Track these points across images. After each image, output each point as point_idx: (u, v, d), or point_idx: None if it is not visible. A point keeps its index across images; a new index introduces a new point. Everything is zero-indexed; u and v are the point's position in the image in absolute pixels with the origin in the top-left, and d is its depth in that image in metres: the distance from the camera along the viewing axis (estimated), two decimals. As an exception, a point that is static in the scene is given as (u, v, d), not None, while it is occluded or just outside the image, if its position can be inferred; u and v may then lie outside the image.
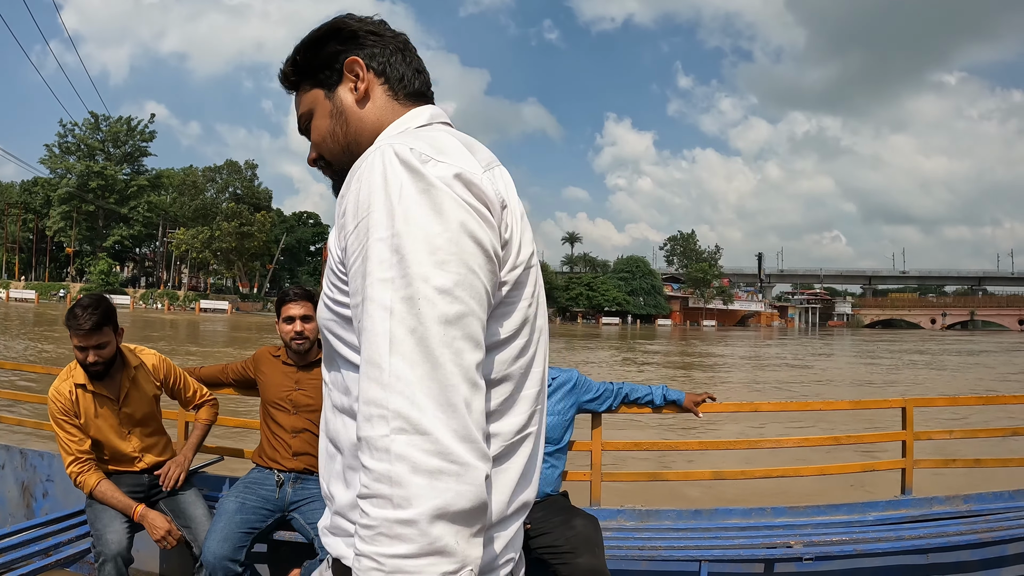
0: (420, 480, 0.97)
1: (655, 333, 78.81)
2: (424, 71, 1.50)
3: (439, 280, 1.05)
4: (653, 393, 4.06)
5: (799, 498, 5.53)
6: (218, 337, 41.58)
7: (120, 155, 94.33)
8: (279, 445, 3.85)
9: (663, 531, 3.87)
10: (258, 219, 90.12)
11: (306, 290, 3.99)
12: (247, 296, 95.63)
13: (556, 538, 3.22)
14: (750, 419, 11.72)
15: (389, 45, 1.45)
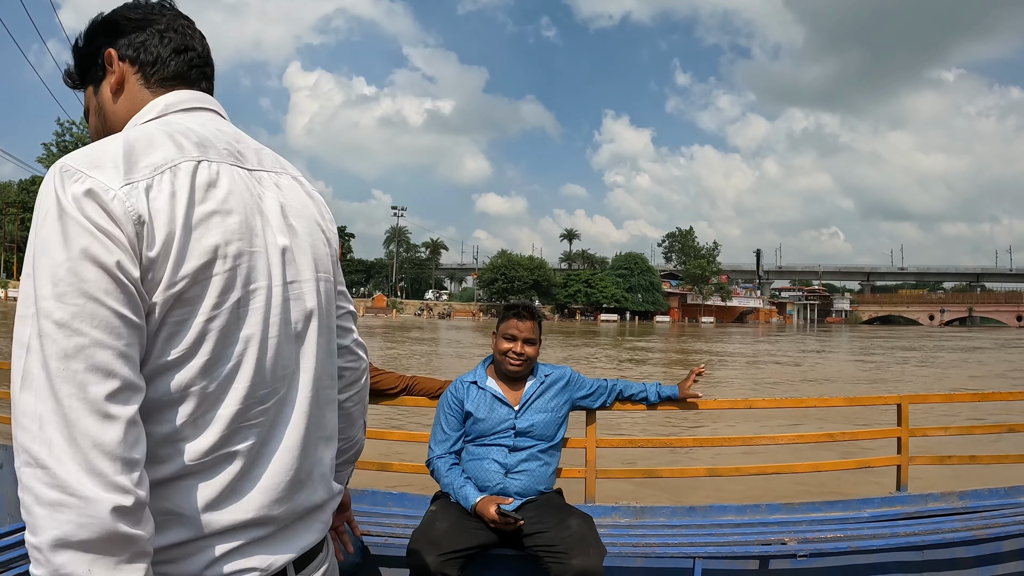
0: (42, 511, 1.01)
1: (653, 330, 78.85)
2: (191, 48, 1.43)
3: (57, 314, 1.05)
4: (647, 390, 4.05)
5: (794, 495, 5.53)
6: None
7: None
8: None
9: (657, 528, 3.87)
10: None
11: None
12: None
13: (551, 538, 3.19)
14: (744, 417, 11.73)
15: (148, 28, 1.39)
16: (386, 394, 4.12)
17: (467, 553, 3.21)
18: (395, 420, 10.77)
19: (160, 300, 1.14)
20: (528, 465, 3.51)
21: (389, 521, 3.90)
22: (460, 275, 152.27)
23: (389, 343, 39.06)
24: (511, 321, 3.61)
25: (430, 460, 3.66)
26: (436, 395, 4.08)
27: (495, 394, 3.61)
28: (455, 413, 3.64)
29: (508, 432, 3.54)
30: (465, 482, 3.46)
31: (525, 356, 3.58)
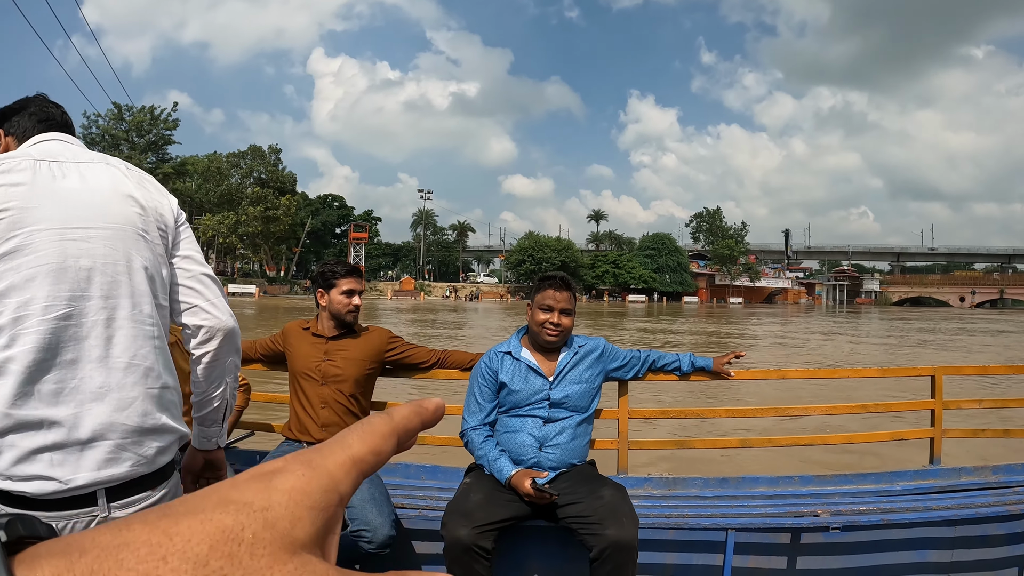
0: None
1: (681, 311, 78.37)
2: (50, 118, 2.09)
3: None
4: (680, 360, 4.03)
5: (825, 467, 5.51)
6: (247, 320, 41.84)
7: (144, 144, 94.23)
8: (307, 417, 3.89)
9: (690, 499, 3.87)
10: (283, 203, 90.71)
11: (355, 267, 4.12)
12: (274, 279, 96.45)
13: (584, 509, 3.20)
14: (774, 389, 11.68)
15: (21, 112, 2.08)
16: (419, 368, 4.17)
17: (501, 525, 3.24)
18: (426, 393, 10.83)
19: None
20: (562, 438, 3.52)
21: (422, 494, 3.94)
22: (487, 257, 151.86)
23: (419, 325, 39.10)
24: (548, 292, 3.61)
25: (464, 431, 3.69)
26: (468, 367, 4.11)
27: (530, 364, 3.61)
28: (489, 384, 3.66)
29: (543, 403, 3.55)
30: (500, 455, 3.47)
31: (562, 327, 3.59)
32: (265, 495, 0.35)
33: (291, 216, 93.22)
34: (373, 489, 3.57)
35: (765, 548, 3.73)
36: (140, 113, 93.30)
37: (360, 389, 3.97)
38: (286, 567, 0.33)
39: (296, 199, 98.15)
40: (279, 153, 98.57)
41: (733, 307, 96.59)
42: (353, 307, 3.94)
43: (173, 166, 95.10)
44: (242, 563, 0.32)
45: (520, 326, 3.83)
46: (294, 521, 0.35)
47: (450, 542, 3.17)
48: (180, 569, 0.31)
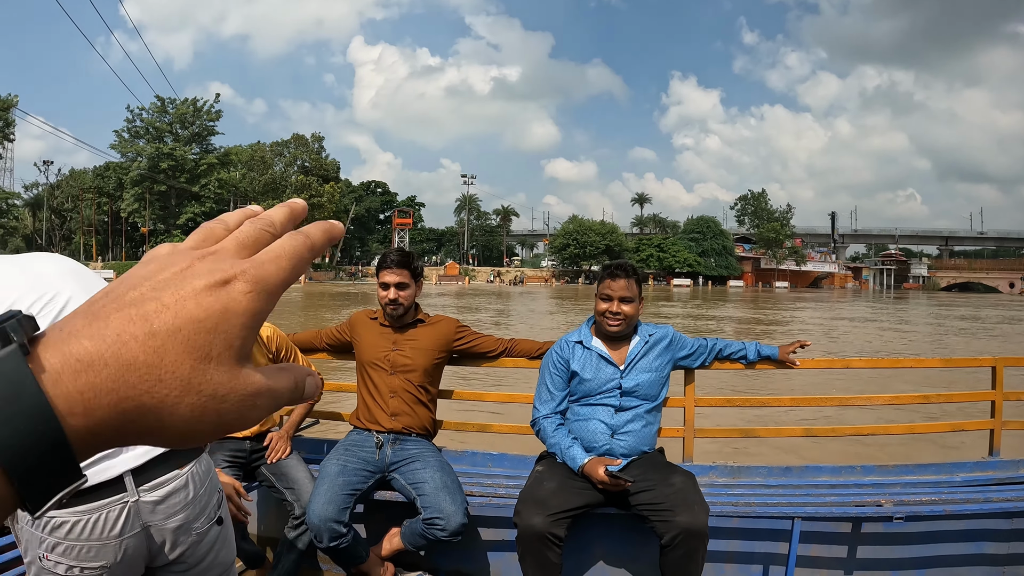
0: None
1: (726, 295, 77.71)
2: None
3: None
4: (747, 348, 4.03)
5: (885, 457, 5.50)
6: (294, 306, 42.27)
7: (188, 136, 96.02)
8: (377, 407, 3.94)
9: (755, 488, 3.88)
10: (327, 190, 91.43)
11: (404, 255, 4.03)
12: (319, 266, 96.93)
13: (655, 495, 3.23)
14: (827, 378, 11.59)
15: None
16: (486, 356, 4.20)
17: (574, 513, 3.28)
18: (492, 382, 10.89)
19: None
20: (633, 426, 3.55)
21: (490, 481, 3.99)
22: (531, 241, 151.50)
23: (467, 312, 39.22)
24: (606, 281, 3.64)
25: (535, 420, 3.72)
26: (536, 356, 4.14)
27: (600, 354, 3.64)
28: (561, 372, 3.69)
29: (614, 392, 3.58)
30: (572, 443, 3.51)
31: (622, 315, 3.60)
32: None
33: (335, 203, 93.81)
34: (445, 477, 3.63)
35: (827, 537, 3.76)
36: (183, 105, 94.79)
37: (429, 378, 4.01)
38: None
39: (339, 186, 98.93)
40: (322, 141, 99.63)
41: (779, 291, 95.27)
42: (388, 300, 3.95)
43: (217, 156, 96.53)
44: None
45: (568, 310, 3.88)
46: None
47: (523, 530, 3.22)
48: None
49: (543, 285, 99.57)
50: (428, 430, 4.02)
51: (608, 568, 3.88)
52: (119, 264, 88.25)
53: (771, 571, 3.81)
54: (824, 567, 3.81)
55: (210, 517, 1.73)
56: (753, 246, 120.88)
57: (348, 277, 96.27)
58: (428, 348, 4.00)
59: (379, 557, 3.85)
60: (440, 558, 4.11)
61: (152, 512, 1.65)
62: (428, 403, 4.04)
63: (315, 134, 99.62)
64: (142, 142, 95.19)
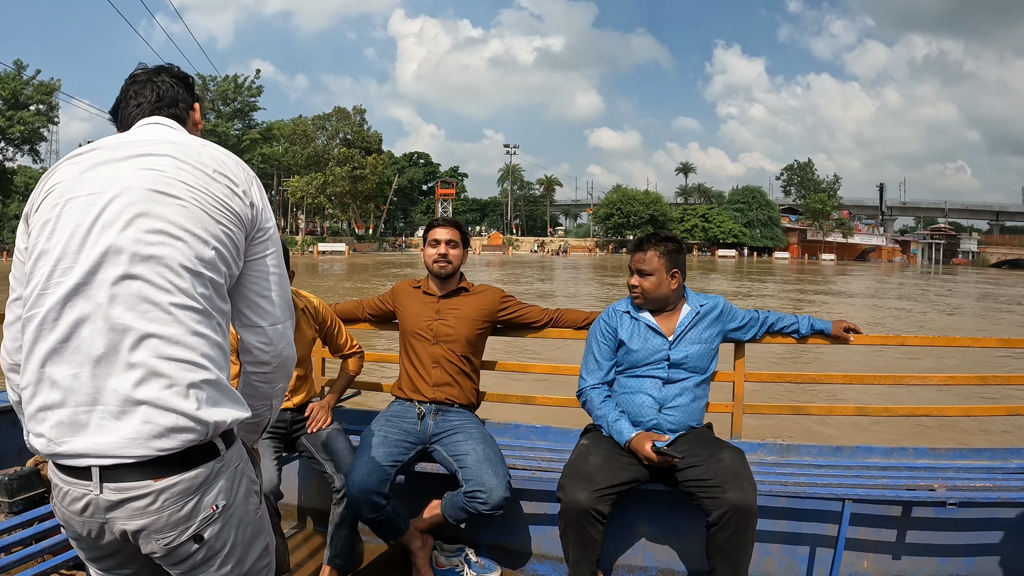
0: None
1: (772, 266, 76.91)
2: (119, 105, 2.00)
3: None
4: (799, 322, 3.90)
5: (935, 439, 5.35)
6: (338, 277, 42.62)
7: (230, 112, 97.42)
8: (419, 377, 3.88)
9: (804, 467, 3.76)
10: (369, 162, 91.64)
11: (454, 219, 4.03)
12: (363, 237, 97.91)
13: (704, 471, 3.14)
14: (876, 356, 11.40)
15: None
16: (531, 327, 4.13)
17: (620, 489, 3.19)
18: (535, 352, 10.84)
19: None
20: (681, 400, 3.45)
21: (533, 455, 3.91)
22: (575, 211, 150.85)
23: (511, 282, 39.21)
24: (631, 254, 3.59)
25: (582, 390, 3.63)
26: (582, 327, 4.05)
27: (649, 324, 3.53)
28: (608, 342, 3.60)
29: (662, 363, 3.48)
30: (619, 416, 3.41)
31: (639, 289, 3.51)
32: None
33: (378, 175, 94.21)
34: (488, 450, 3.56)
35: (875, 520, 3.66)
36: (224, 82, 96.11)
37: (472, 349, 3.94)
38: None
39: (382, 158, 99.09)
40: (363, 114, 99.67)
41: (825, 264, 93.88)
42: (438, 256, 3.89)
43: (260, 131, 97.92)
44: None
45: (611, 281, 3.78)
46: None
47: (568, 505, 3.14)
48: None
49: (587, 255, 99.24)
50: (471, 401, 3.95)
51: (650, 545, 3.82)
52: None
53: (817, 553, 3.71)
54: (871, 551, 3.71)
55: (183, 532, 1.67)
56: (799, 217, 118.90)
57: (392, 248, 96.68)
58: (472, 318, 3.93)
59: (419, 529, 3.80)
60: (480, 531, 4.08)
61: (108, 509, 1.62)
62: (471, 374, 3.97)
63: (357, 107, 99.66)
64: None
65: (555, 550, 3.88)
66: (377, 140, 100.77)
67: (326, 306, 3.94)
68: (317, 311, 3.85)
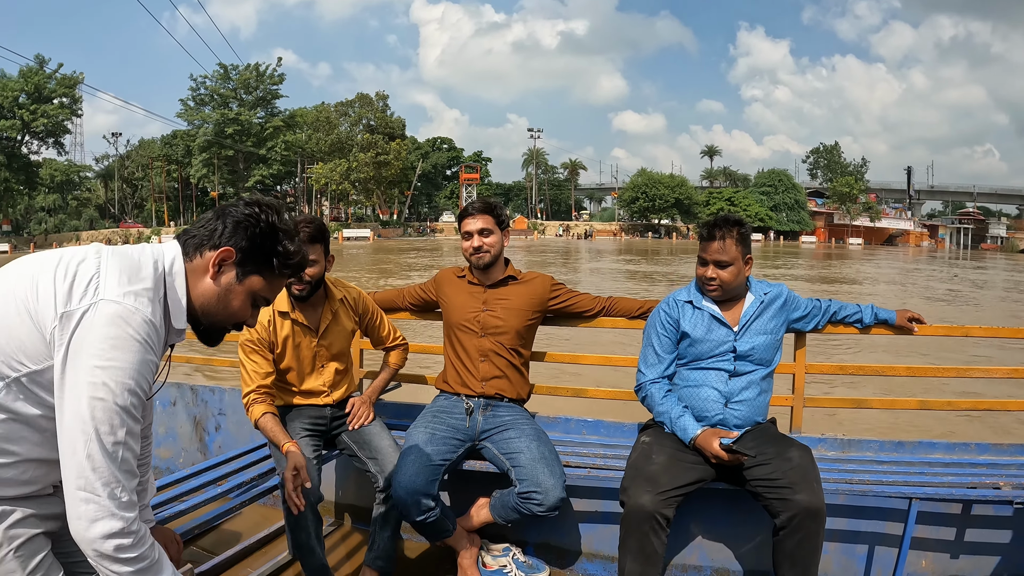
0: None
1: (799, 250, 76.27)
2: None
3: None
4: (862, 311, 3.73)
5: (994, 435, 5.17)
6: (363, 262, 42.75)
7: (252, 100, 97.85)
8: (466, 371, 3.75)
9: (866, 463, 3.61)
10: (393, 147, 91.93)
11: (486, 201, 3.81)
12: (387, 223, 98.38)
13: (772, 470, 2.99)
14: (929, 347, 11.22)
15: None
16: (582, 316, 3.97)
17: (686, 491, 3.04)
18: (586, 343, 10.71)
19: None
20: (748, 394, 3.28)
21: (586, 451, 3.77)
22: (599, 195, 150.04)
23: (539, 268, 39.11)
24: (703, 243, 3.35)
25: (641, 385, 3.45)
26: (636, 316, 3.90)
27: (713, 314, 3.35)
28: (669, 333, 3.42)
29: (727, 355, 3.30)
30: (683, 412, 3.25)
31: (717, 280, 3.29)
32: None
33: (401, 160, 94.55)
34: (543, 447, 3.43)
35: (936, 518, 3.53)
36: (246, 71, 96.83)
37: (521, 340, 3.79)
38: None
39: (406, 143, 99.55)
40: (386, 100, 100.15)
41: (852, 248, 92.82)
42: (474, 249, 3.72)
43: (283, 119, 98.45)
44: None
45: (636, 265, 3.62)
46: None
47: (632, 509, 2.99)
48: None
49: (612, 239, 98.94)
50: (521, 395, 3.80)
51: (705, 544, 3.70)
52: None
53: (876, 552, 3.57)
54: (931, 549, 3.57)
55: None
56: (826, 200, 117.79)
57: (417, 233, 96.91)
58: (521, 308, 3.77)
59: (465, 529, 3.69)
60: (528, 530, 3.97)
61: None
62: (521, 367, 3.82)
63: (379, 93, 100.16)
64: (207, 109, 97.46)
65: (606, 549, 3.80)
66: (400, 126, 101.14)
67: (366, 296, 3.81)
68: (357, 301, 3.72)
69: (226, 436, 4.90)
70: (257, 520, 4.40)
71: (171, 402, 5.14)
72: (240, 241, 1.87)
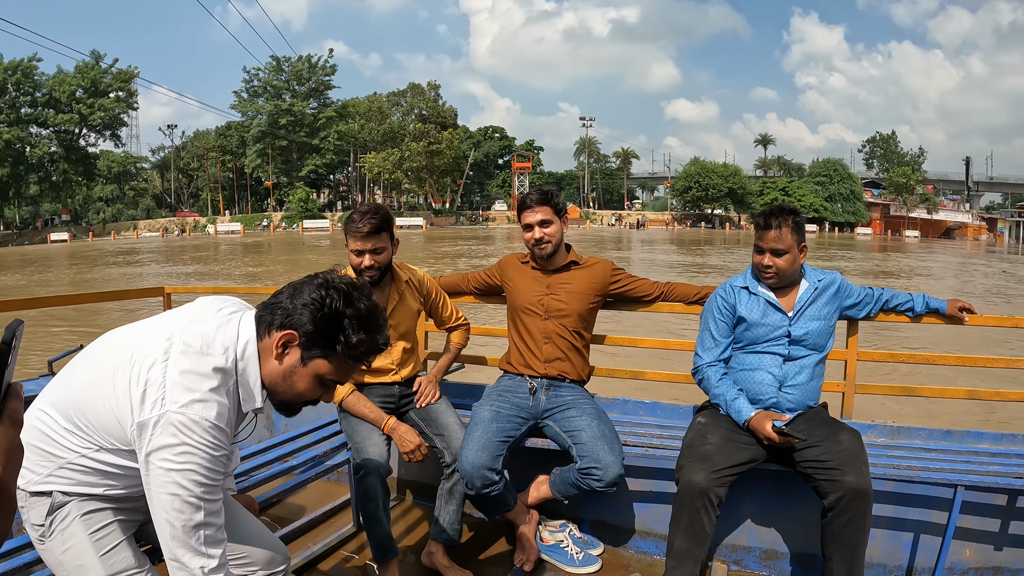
0: None
1: (854, 243, 74.76)
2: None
3: None
4: (914, 300, 3.76)
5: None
6: (415, 248, 42.99)
7: (305, 91, 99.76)
8: (530, 352, 3.85)
9: (915, 450, 3.64)
10: (445, 136, 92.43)
11: (544, 192, 3.86)
12: (440, 211, 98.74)
13: (822, 452, 3.05)
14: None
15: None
16: (641, 300, 4.05)
17: (739, 470, 3.11)
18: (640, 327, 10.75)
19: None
20: (800, 378, 3.35)
21: (643, 431, 3.86)
22: (651, 184, 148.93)
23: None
24: (759, 232, 3.42)
25: (698, 368, 3.54)
26: (693, 301, 3.97)
27: (768, 299, 3.42)
28: (726, 318, 3.50)
29: (782, 340, 3.37)
30: (738, 394, 3.33)
31: (774, 268, 3.36)
32: None
33: (454, 149, 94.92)
34: (603, 426, 3.52)
35: (981, 508, 3.53)
36: (298, 63, 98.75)
37: (583, 323, 3.87)
38: None
39: (458, 132, 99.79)
40: (438, 89, 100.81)
41: (909, 241, 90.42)
42: (535, 241, 3.80)
43: (335, 110, 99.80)
44: None
45: (691, 255, 3.68)
46: None
47: (685, 486, 3.07)
48: None
49: (664, 228, 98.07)
50: (582, 376, 3.90)
51: (756, 527, 3.77)
52: (245, 217, 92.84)
53: (921, 540, 3.60)
54: (975, 540, 3.57)
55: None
56: (882, 191, 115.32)
57: (469, 222, 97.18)
58: (583, 292, 3.85)
59: (525, 504, 3.83)
60: (584, 508, 4.08)
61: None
62: (582, 349, 3.92)
63: (431, 82, 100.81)
64: (261, 100, 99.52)
65: (659, 527, 3.89)
66: (452, 115, 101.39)
67: (431, 278, 3.91)
68: (422, 283, 3.82)
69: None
70: (320, 495, 4.59)
71: None
72: (306, 324, 1.92)
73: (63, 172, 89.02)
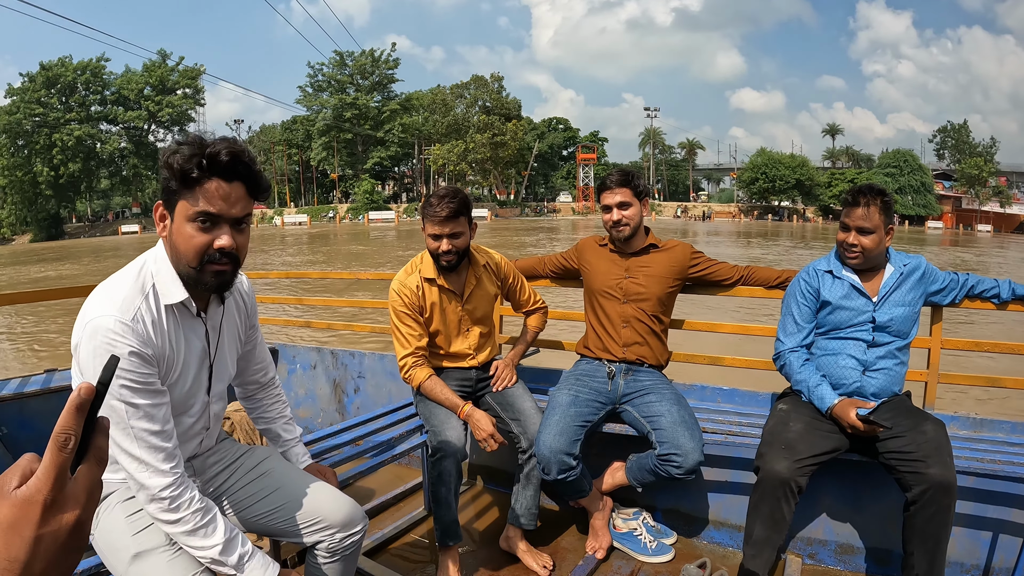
0: None
1: (925, 236, 73.09)
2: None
3: None
4: (1000, 286, 3.61)
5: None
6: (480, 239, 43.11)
7: (369, 85, 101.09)
8: (608, 336, 3.82)
9: (999, 444, 3.48)
10: (509, 128, 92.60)
11: (624, 172, 3.81)
12: (504, 203, 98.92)
13: (906, 443, 2.95)
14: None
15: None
16: (721, 284, 3.98)
17: (821, 459, 3.04)
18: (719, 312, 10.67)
19: None
20: (885, 363, 3.25)
21: (721, 418, 3.80)
22: (717, 176, 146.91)
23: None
24: (846, 208, 3.33)
25: (780, 353, 3.47)
26: (774, 286, 3.89)
27: (853, 283, 3.33)
28: (809, 303, 3.42)
29: (866, 325, 3.28)
30: (821, 381, 3.25)
31: (859, 248, 3.27)
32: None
33: (518, 141, 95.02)
34: (683, 412, 3.48)
35: None
36: (361, 57, 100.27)
37: (662, 307, 3.82)
38: None
39: (521, 124, 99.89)
40: (501, 81, 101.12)
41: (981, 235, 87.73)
42: (612, 222, 3.76)
43: (399, 102, 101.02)
44: None
45: (756, 248, 3.59)
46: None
47: (767, 474, 3.01)
48: None
49: (731, 220, 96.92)
50: (660, 361, 3.86)
51: (831, 521, 3.69)
52: (311, 208, 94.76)
53: (1000, 540, 3.46)
54: None
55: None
56: (954, 183, 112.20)
57: (534, 213, 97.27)
58: (662, 275, 3.80)
59: (599, 491, 3.81)
60: (658, 496, 4.05)
61: None
62: (661, 333, 3.87)
63: (494, 74, 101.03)
64: (325, 95, 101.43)
65: (733, 518, 3.84)
66: (516, 106, 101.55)
67: (508, 262, 3.88)
68: (499, 267, 3.79)
69: (364, 398, 5.12)
70: (391, 479, 4.64)
71: (311, 365, 5.44)
72: (160, 193, 1.98)
73: (133, 167, 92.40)
